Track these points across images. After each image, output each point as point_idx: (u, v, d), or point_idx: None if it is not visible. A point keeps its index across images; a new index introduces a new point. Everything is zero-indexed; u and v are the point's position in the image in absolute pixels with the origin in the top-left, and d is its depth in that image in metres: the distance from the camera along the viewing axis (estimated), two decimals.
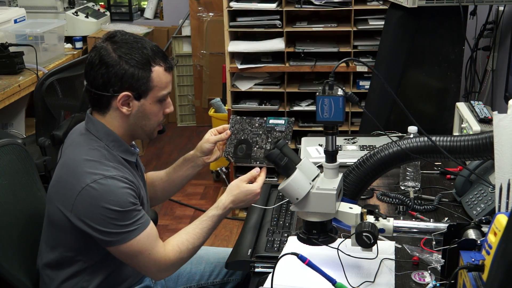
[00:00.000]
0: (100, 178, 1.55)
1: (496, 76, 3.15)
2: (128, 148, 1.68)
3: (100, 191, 1.54)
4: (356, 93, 2.96)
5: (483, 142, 1.47)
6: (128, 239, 1.58)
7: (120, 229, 1.56)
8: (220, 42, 3.79)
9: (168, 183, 1.98)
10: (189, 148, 4.80)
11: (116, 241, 1.57)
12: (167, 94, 1.66)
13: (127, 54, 1.58)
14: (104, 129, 1.64)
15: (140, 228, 1.59)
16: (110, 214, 1.55)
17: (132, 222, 1.58)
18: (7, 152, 1.74)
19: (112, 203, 1.54)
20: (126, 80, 1.58)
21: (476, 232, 1.39)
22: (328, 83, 1.40)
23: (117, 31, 1.64)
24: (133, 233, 1.58)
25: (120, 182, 1.57)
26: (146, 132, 1.69)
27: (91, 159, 1.59)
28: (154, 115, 1.66)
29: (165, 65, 1.63)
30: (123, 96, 1.59)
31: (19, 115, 3.45)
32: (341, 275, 1.48)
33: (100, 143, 1.63)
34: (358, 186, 1.57)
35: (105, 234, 1.56)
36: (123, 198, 1.56)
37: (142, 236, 1.60)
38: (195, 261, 1.97)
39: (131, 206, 1.57)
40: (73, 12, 4.35)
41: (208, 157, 1.94)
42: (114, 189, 1.55)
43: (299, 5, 3.42)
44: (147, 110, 1.64)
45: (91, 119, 1.65)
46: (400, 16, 2.73)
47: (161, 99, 1.65)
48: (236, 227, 3.64)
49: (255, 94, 3.70)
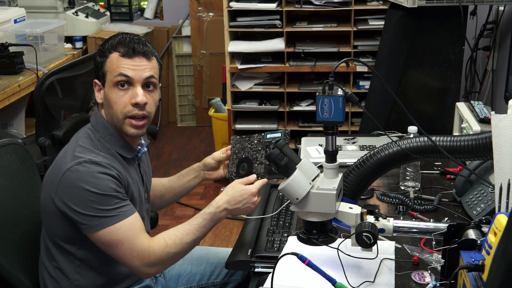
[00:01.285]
0: (84, 161, 1.57)
1: (496, 76, 3.15)
2: (125, 144, 1.69)
3: (82, 172, 1.56)
4: (356, 93, 2.96)
5: (483, 142, 1.47)
6: (106, 225, 1.56)
7: (99, 213, 1.56)
8: (220, 42, 3.79)
9: (169, 190, 1.99)
10: (189, 148, 4.84)
11: (94, 225, 1.57)
12: (120, 76, 1.61)
13: (100, 45, 1.68)
14: (102, 121, 1.68)
15: (121, 216, 1.58)
16: (89, 196, 1.55)
17: (112, 208, 1.57)
18: (7, 152, 1.75)
19: (92, 185, 1.55)
20: (96, 69, 1.68)
21: (476, 232, 1.39)
22: (328, 83, 1.40)
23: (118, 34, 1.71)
24: (113, 219, 1.57)
25: (103, 168, 1.58)
26: (115, 124, 1.66)
27: (82, 145, 1.63)
28: (113, 103, 1.64)
29: (123, 50, 1.63)
30: (95, 84, 1.68)
31: (19, 115, 3.44)
32: (341, 275, 1.48)
33: (96, 134, 1.67)
34: (358, 186, 1.57)
35: (84, 217, 1.56)
36: (104, 182, 1.57)
37: (123, 224, 1.58)
38: (195, 262, 1.97)
39: (112, 191, 1.58)
40: (73, 12, 4.35)
41: (209, 173, 1.96)
42: (96, 173, 1.57)
43: (299, 5, 3.43)
44: (108, 97, 1.65)
45: (96, 112, 1.71)
46: (400, 16, 2.73)
47: (116, 83, 1.62)
48: (236, 227, 3.64)
49: (255, 94, 3.71)
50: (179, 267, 1.96)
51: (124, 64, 1.62)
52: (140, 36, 1.69)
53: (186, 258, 1.95)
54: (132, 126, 1.65)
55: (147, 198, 1.81)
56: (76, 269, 1.67)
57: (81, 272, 1.67)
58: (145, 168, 1.82)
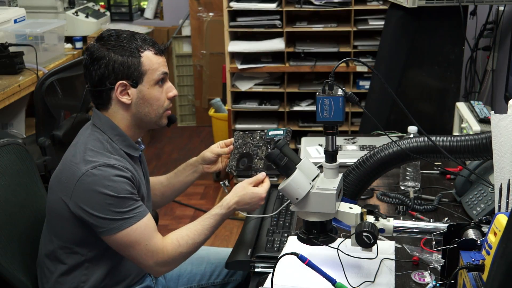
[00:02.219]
0: (99, 165, 1.57)
1: (496, 76, 3.15)
2: (131, 143, 1.69)
3: (98, 176, 1.56)
4: (356, 93, 2.97)
5: (483, 142, 1.47)
6: (124, 227, 1.58)
7: (117, 216, 1.57)
8: (220, 42, 3.79)
9: (168, 187, 1.99)
10: (189, 148, 4.84)
11: (113, 228, 1.58)
12: (163, 74, 1.67)
13: (114, 46, 1.62)
14: (109, 122, 1.67)
15: (137, 217, 1.60)
16: (107, 200, 1.56)
17: (129, 210, 1.58)
18: (8, 152, 1.75)
19: (110, 189, 1.56)
20: (118, 69, 1.61)
21: (476, 232, 1.39)
22: (328, 83, 1.40)
23: (104, 31, 1.69)
24: (130, 221, 1.58)
25: (119, 171, 1.59)
26: (152, 119, 1.69)
27: (93, 149, 1.62)
28: (155, 100, 1.67)
29: (154, 49, 1.66)
30: (119, 85, 1.62)
31: (19, 115, 3.44)
32: (341, 275, 1.48)
33: (104, 136, 1.66)
34: (358, 186, 1.57)
35: (102, 221, 1.57)
36: (121, 185, 1.58)
37: (139, 225, 1.60)
38: (196, 261, 1.97)
39: (128, 194, 1.58)
40: (73, 12, 4.34)
41: (208, 166, 1.95)
42: (112, 176, 1.57)
43: (299, 5, 3.43)
44: (147, 96, 1.65)
45: (97, 114, 1.69)
46: (400, 16, 2.73)
47: (158, 81, 1.66)
48: (236, 227, 3.64)
49: (255, 94, 3.71)
50: (179, 267, 1.95)
51: (160, 61, 1.66)
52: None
53: None
54: (166, 118, 1.72)
55: (148, 195, 1.82)
56: (84, 271, 1.67)
57: (88, 274, 1.67)
58: (145, 165, 1.83)
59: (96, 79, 1.63)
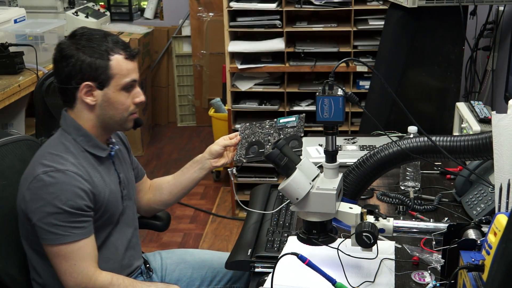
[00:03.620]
0: (51, 170, 1.57)
1: (496, 76, 3.15)
2: (97, 143, 1.68)
3: (46, 182, 1.56)
4: (356, 93, 2.96)
5: (483, 142, 1.47)
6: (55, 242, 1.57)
7: (51, 228, 1.56)
8: (220, 42, 3.79)
9: (175, 186, 1.96)
10: (189, 148, 4.84)
11: (45, 239, 1.58)
12: (131, 81, 1.66)
13: (84, 46, 1.61)
14: (73, 123, 1.66)
15: (73, 237, 1.58)
16: (47, 208, 1.55)
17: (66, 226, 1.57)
18: (21, 147, 1.79)
19: (54, 197, 1.55)
20: (85, 70, 1.61)
21: (476, 232, 1.39)
22: (328, 83, 1.40)
23: (78, 28, 1.67)
24: (63, 238, 1.57)
25: (70, 178, 1.57)
26: (117, 122, 1.68)
27: (52, 152, 1.62)
28: (120, 104, 1.65)
29: (125, 53, 1.64)
30: (84, 86, 1.62)
31: (19, 115, 3.44)
32: (341, 275, 1.48)
33: (68, 137, 1.66)
34: (358, 186, 1.57)
35: (37, 228, 1.57)
36: (68, 196, 1.56)
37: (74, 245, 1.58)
38: (197, 265, 1.95)
39: (71, 208, 1.56)
40: (73, 12, 4.34)
41: (215, 160, 1.91)
42: (62, 185, 1.56)
43: (299, 5, 3.42)
44: (112, 99, 1.64)
45: (63, 115, 1.69)
46: (400, 16, 2.73)
47: (125, 87, 1.65)
48: (236, 227, 3.64)
49: (255, 94, 3.70)
50: (179, 271, 1.94)
51: (130, 67, 1.65)
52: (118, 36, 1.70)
53: (187, 262, 1.94)
54: (133, 121, 1.70)
55: (127, 195, 1.79)
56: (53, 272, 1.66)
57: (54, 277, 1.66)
58: (121, 165, 1.80)
59: (63, 76, 1.63)
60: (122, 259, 1.77)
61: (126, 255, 1.78)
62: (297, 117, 1.85)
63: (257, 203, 2.02)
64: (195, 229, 3.67)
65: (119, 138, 1.86)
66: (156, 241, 3.50)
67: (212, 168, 1.93)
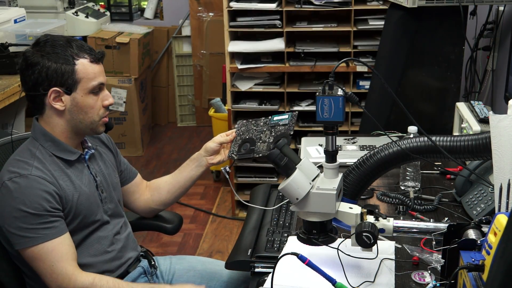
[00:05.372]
0: (15, 176, 1.59)
1: (496, 76, 3.15)
2: (66, 147, 1.69)
3: (10, 188, 1.58)
4: (356, 93, 2.96)
5: (483, 142, 1.47)
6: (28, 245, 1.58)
7: (22, 232, 1.57)
8: (220, 42, 3.79)
9: (173, 185, 1.97)
10: (189, 148, 4.84)
11: (16, 243, 1.59)
12: (99, 84, 1.67)
13: (49, 52, 1.62)
14: (41, 130, 1.68)
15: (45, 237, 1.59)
16: (14, 213, 1.57)
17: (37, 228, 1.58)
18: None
19: (19, 201, 1.57)
20: (52, 76, 1.62)
21: (476, 232, 1.39)
22: (328, 83, 1.40)
23: (41, 36, 1.69)
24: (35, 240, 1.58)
25: (33, 182, 1.59)
26: (87, 126, 1.69)
27: (19, 158, 1.64)
28: (89, 108, 1.67)
29: (90, 57, 1.66)
30: (52, 92, 1.63)
31: (19, 115, 3.44)
32: (341, 275, 1.48)
33: (35, 143, 1.67)
34: (358, 186, 1.57)
35: (9, 234, 1.59)
36: (32, 199, 1.58)
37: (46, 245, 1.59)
38: (206, 276, 1.94)
39: (39, 210, 1.58)
40: (73, 12, 4.35)
41: (212, 157, 1.92)
42: (25, 189, 1.58)
43: (299, 5, 3.42)
44: (81, 103, 1.66)
45: (33, 124, 1.70)
46: (400, 16, 2.73)
47: (93, 91, 1.67)
48: (236, 227, 3.64)
49: (255, 94, 3.70)
50: (187, 278, 1.93)
51: (96, 70, 1.66)
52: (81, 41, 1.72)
53: (197, 270, 1.94)
54: (104, 125, 1.73)
55: (106, 198, 1.79)
56: None
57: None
58: (99, 169, 1.80)
59: (30, 85, 1.64)
60: (109, 252, 1.78)
61: (113, 248, 1.79)
62: (290, 115, 1.85)
63: (257, 203, 2.02)
64: (195, 229, 3.67)
65: (101, 142, 1.87)
66: (156, 241, 3.50)
67: (209, 165, 1.93)
